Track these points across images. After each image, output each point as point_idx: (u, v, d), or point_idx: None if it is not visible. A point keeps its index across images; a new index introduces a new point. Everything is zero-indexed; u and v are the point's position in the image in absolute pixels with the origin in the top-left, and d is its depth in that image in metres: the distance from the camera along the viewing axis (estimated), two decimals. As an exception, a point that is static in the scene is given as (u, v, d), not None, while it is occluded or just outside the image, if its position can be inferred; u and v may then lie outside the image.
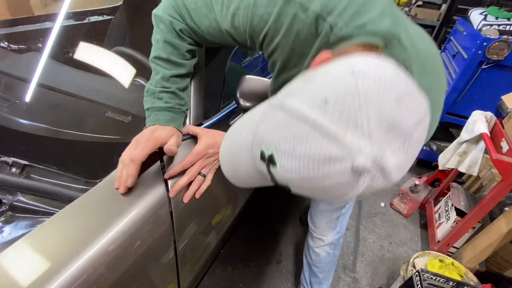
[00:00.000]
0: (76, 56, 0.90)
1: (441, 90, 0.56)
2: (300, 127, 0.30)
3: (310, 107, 0.30)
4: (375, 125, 0.28)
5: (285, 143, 0.31)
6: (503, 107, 1.76)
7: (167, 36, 0.61)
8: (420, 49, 0.51)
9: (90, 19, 1.42)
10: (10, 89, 0.83)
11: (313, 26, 0.48)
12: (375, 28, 0.44)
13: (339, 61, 0.34)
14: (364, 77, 0.29)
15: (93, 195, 0.53)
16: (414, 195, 1.96)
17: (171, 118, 0.63)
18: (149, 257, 0.56)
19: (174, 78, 0.63)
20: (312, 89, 0.31)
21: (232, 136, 0.43)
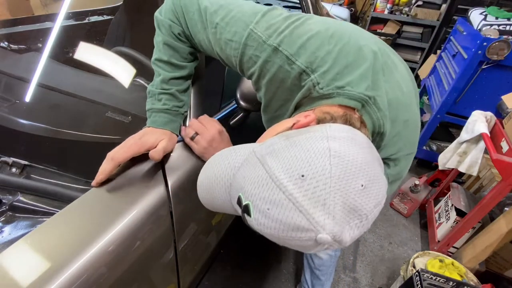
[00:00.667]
0: (76, 56, 0.90)
1: (412, 137, 0.60)
2: (277, 194, 0.34)
3: (288, 178, 0.34)
4: (340, 208, 0.33)
5: (261, 202, 0.35)
6: (503, 107, 1.76)
7: (167, 38, 0.62)
8: (395, 105, 0.54)
9: (90, 19, 1.42)
10: (10, 89, 0.83)
11: (298, 79, 0.51)
12: (353, 91, 0.48)
13: (319, 132, 0.39)
14: (339, 162, 0.34)
15: (93, 195, 0.53)
16: (414, 195, 1.96)
17: (168, 120, 0.64)
18: (149, 257, 0.56)
19: (173, 80, 0.64)
20: (293, 159, 0.36)
21: (212, 168, 0.45)
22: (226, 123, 0.80)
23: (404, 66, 0.65)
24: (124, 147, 0.57)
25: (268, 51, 0.51)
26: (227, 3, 0.56)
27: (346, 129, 0.41)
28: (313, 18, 0.54)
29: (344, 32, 0.52)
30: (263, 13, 0.53)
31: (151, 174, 0.60)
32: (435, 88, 2.38)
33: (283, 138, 0.40)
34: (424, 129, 2.24)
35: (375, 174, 0.36)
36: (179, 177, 0.63)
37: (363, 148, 0.38)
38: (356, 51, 0.50)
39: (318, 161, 0.34)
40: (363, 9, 4.22)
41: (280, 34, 0.51)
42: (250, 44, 0.52)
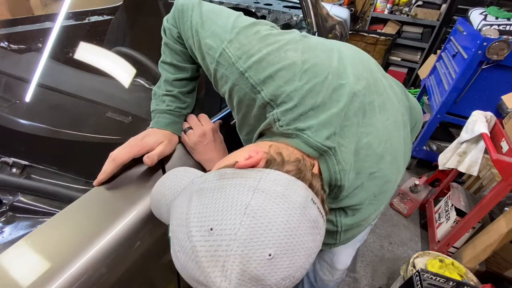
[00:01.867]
0: (76, 56, 0.90)
1: (378, 191, 0.55)
2: (185, 241, 0.33)
3: (198, 228, 0.33)
4: (237, 275, 0.31)
5: (176, 241, 0.35)
6: (503, 107, 1.76)
7: (168, 41, 0.64)
8: (364, 155, 0.51)
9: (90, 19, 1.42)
10: (10, 89, 0.83)
11: (263, 109, 0.49)
12: (311, 138, 0.45)
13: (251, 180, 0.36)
14: (250, 223, 0.32)
15: (93, 195, 0.53)
16: (414, 195, 1.96)
17: (171, 121, 0.64)
18: (149, 257, 0.56)
19: (176, 82, 0.65)
20: (210, 207, 0.34)
21: (162, 185, 0.45)
22: (226, 123, 0.80)
23: (393, 91, 0.63)
24: (126, 148, 0.57)
25: (236, 75, 0.49)
26: (215, 14, 0.55)
27: (283, 182, 0.36)
28: (295, 43, 0.50)
29: (326, 67, 0.48)
30: (238, 30, 0.50)
31: (151, 174, 0.60)
32: (435, 88, 2.38)
33: (217, 176, 0.38)
34: (424, 129, 2.24)
35: (293, 243, 0.32)
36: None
37: (293, 209, 0.34)
38: (329, 92, 0.46)
39: (230, 218, 0.32)
40: (363, 9, 4.21)
41: (249, 58, 0.48)
42: (222, 62, 0.51)
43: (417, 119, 0.82)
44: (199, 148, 0.66)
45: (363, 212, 0.56)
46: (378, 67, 0.64)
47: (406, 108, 0.71)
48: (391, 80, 0.71)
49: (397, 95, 0.66)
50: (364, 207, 0.55)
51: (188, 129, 0.67)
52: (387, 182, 0.56)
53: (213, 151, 0.67)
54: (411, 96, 0.80)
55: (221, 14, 0.55)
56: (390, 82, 0.67)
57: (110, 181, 0.56)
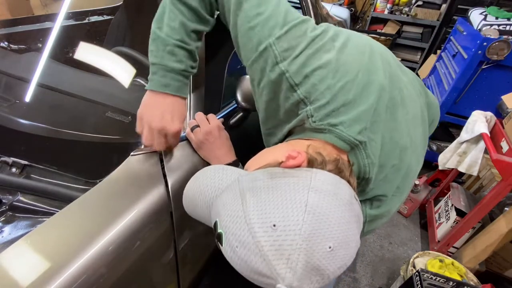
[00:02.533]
0: (76, 56, 0.90)
1: (400, 183, 0.58)
2: (247, 236, 0.35)
3: (260, 224, 0.35)
4: (302, 266, 0.33)
5: (232, 237, 0.36)
6: (503, 107, 1.76)
7: None
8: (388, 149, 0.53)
9: (90, 19, 1.42)
10: (10, 89, 0.83)
11: (296, 106, 0.50)
12: (344, 133, 0.46)
13: (302, 179, 0.38)
14: (312, 219, 0.34)
15: (93, 195, 0.53)
16: (414, 195, 1.96)
17: (182, 84, 0.59)
18: (149, 257, 0.56)
19: (194, 34, 0.57)
20: (269, 205, 0.36)
21: (199, 182, 0.47)
22: (226, 123, 0.80)
23: (413, 87, 0.64)
24: (174, 119, 0.58)
25: (277, 73, 0.49)
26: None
27: (331, 181, 0.39)
28: (332, 42, 0.51)
29: (357, 64, 0.50)
30: (288, 28, 0.50)
31: (151, 174, 0.60)
32: (435, 88, 2.38)
33: (267, 176, 0.40)
34: (424, 129, 2.23)
35: (347, 236, 0.36)
36: (179, 177, 0.63)
37: (343, 206, 0.37)
38: (359, 89, 0.48)
39: (292, 214, 0.34)
40: (363, 9, 4.21)
41: (293, 60, 0.48)
42: (264, 56, 0.50)
43: (435, 116, 0.82)
44: (205, 146, 0.66)
45: (387, 204, 0.58)
46: (397, 63, 0.65)
47: (425, 104, 0.72)
48: (411, 75, 0.71)
49: (416, 91, 0.66)
50: (389, 198, 0.58)
51: (195, 127, 0.67)
52: (408, 174, 0.58)
53: (219, 149, 0.67)
54: (430, 93, 0.81)
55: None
56: (410, 77, 0.68)
57: (109, 181, 0.56)
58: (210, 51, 0.75)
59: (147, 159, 0.61)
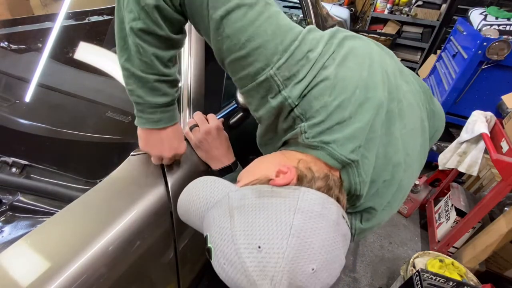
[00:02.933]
0: (76, 56, 0.90)
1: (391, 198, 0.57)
2: (233, 255, 0.36)
3: (246, 245, 0.36)
4: (285, 287, 0.34)
5: (220, 254, 0.37)
6: (503, 107, 1.76)
7: (161, 3, 0.45)
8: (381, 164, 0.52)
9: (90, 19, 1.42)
10: (10, 89, 0.83)
11: (293, 122, 0.50)
12: (336, 151, 0.46)
13: (289, 200, 0.39)
14: (296, 243, 0.35)
15: (93, 195, 0.53)
16: (414, 195, 1.96)
17: (172, 113, 0.56)
18: (149, 257, 0.56)
19: (170, 62, 0.52)
20: (255, 226, 0.37)
21: (191, 193, 0.47)
22: (226, 123, 0.80)
23: (413, 96, 0.62)
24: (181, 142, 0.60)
25: (279, 101, 0.47)
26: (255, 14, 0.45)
27: (319, 201, 0.40)
28: (333, 56, 0.48)
29: (356, 79, 0.48)
30: (289, 55, 0.46)
31: (151, 174, 0.60)
32: (435, 88, 2.38)
33: (256, 194, 0.40)
34: (424, 129, 2.23)
35: (331, 257, 0.37)
36: (179, 177, 0.63)
37: (329, 227, 0.38)
38: (356, 106, 0.47)
39: (277, 237, 0.35)
40: (363, 9, 4.21)
41: (295, 85, 0.46)
42: (265, 86, 0.47)
43: (438, 127, 0.80)
44: (203, 145, 0.66)
45: (377, 217, 0.58)
46: (400, 70, 0.63)
47: (429, 112, 0.71)
48: (416, 82, 0.69)
49: (417, 99, 0.64)
50: (379, 213, 0.57)
51: (194, 126, 0.67)
52: (400, 190, 0.57)
53: (217, 149, 0.67)
54: (436, 102, 0.78)
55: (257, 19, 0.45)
56: (413, 85, 0.65)
57: (110, 181, 0.56)
58: (210, 51, 0.75)
59: (147, 159, 0.61)
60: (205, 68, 0.76)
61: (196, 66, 0.73)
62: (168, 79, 0.52)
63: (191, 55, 0.74)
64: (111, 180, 0.56)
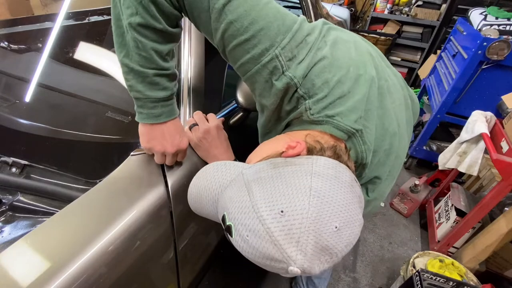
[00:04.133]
0: (76, 56, 0.90)
1: (392, 167, 0.61)
2: (256, 224, 0.36)
3: (269, 212, 0.36)
4: (312, 247, 0.35)
5: (242, 227, 0.38)
6: (503, 107, 1.76)
7: None
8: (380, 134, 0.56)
9: (90, 19, 1.42)
10: (10, 89, 0.83)
11: (296, 102, 0.52)
12: (341, 122, 0.49)
13: (305, 166, 0.41)
14: (317, 202, 0.36)
15: (93, 195, 0.53)
16: (414, 195, 1.96)
17: (173, 107, 0.57)
18: (149, 257, 0.56)
19: (169, 56, 0.53)
20: (275, 193, 0.38)
21: (202, 179, 0.48)
22: (226, 123, 0.80)
23: (396, 78, 0.68)
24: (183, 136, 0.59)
25: (285, 82, 0.49)
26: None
27: (332, 165, 0.42)
28: (325, 38, 0.53)
29: (347, 59, 0.52)
30: (291, 36, 0.48)
31: (151, 174, 0.60)
32: (435, 88, 2.38)
33: (270, 166, 0.42)
34: (424, 129, 2.24)
35: (351, 216, 0.38)
36: (179, 177, 0.63)
37: (345, 187, 0.40)
38: (352, 82, 0.51)
39: (298, 199, 0.36)
40: (363, 9, 4.21)
41: (298, 66, 0.49)
42: (269, 67, 0.48)
43: (414, 111, 0.85)
44: (203, 144, 0.66)
45: (381, 187, 0.62)
46: (381, 55, 0.68)
47: (408, 95, 0.75)
48: (393, 69, 0.74)
49: (399, 81, 0.70)
50: (383, 181, 0.61)
51: (193, 125, 0.67)
52: (397, 157, 0.62)
53: (217, 148, 0.67)
54: (410, 89, 0.83)
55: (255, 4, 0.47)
56: (393, 70, 0.71)
57: (109, 180, 0.55)
58: (210, 51, 0.75)
59: (147, 159, 0.61)
60: (205, 68, 0.76)
61: (196, 66, 0.73)
62: (167, 73, 0.53)
63: (191, 55, 0.74)
64: (111, 180, 0.56)
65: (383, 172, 0.60)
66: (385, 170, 0.60)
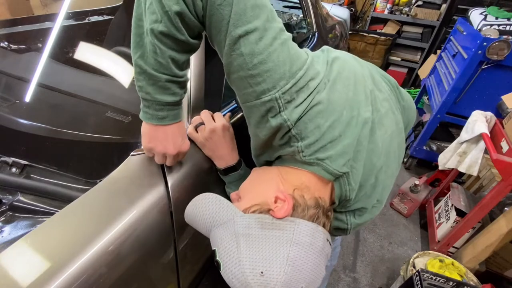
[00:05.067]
0: (76, 56, 0.90)
1: (379, 197, 0.65)
2: (240, 275, 0.45)
3: (251, 270, 0.45)
4: None
5: (228, 270, 0.47)
6: (503, 107, 1.76)
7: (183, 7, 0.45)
8: (368, 170, 0.60)
9: (90, 19, 1.42)
10: (10, 89, 0.83)
11: (288, 141, 0.54)
12: (330, 166, 0.53)
13: (287, 233, 0.47)
14: (291, 270, 0.45)
15: (93, 195, 0.53)
16: (414, 195, 1.96)
17: (178, 111, 0.57)
18: (149, 257, 0.56)
19: (185, 64, 0.53)
20: (259, 255, 0.46)
21: (198, 209, 0.54)
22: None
23: (391, 109, 0.68)
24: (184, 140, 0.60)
25: (279, 122, 0.51)
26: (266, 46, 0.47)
27: (309, 232, 0.48)
28: (326, 79, 0.54)
29: (343, 101, 0.54)
30: (295, 82, 0.49)
31: (151, 174, 0.60)
32: (435, 88, 2.38)
33: (258, 225, 0.48)
34: (424, 129, 2.24)
35: (316, 276, 0.47)
36: (179, 177, 0.63)
37: (317, 254, 0.47)
38: (344, 126, 0.53)
39: (276, 266, 0.44)
40: (363, 9, 4.21)
41: (294, 109, 0.50)
42: (267, 106, 0.50)
43: (410, 118, 0.86)
44: (209, 144, 0.67)
45: (369, 213, 0.66)
46: (376, 79, 0.69)
47: (400, 111, 0.76)
48: (387, 86, 0.74)
49: (391, 105, 0.70)
50: (369, 210, 0.65)
51: (199, 125, 0.67)
52: (384, 188, 0.65)
53: (223, 148, 0.68)
54: (405, 94, 0.82)
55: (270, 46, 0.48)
56: (385, 94, 0.69)
57: (109, 180, 0.55)
58: (210, 51, 0.75)
59: (147, 159, 0.61)
60: (205, 68, 0.76)
61: (196, 66, 0.73)
62: (180, 80, 0.53)
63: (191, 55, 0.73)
64: (111, 180, 0.55)
65: (370, 203, 0.64)
66: (372, 201, 0.64)
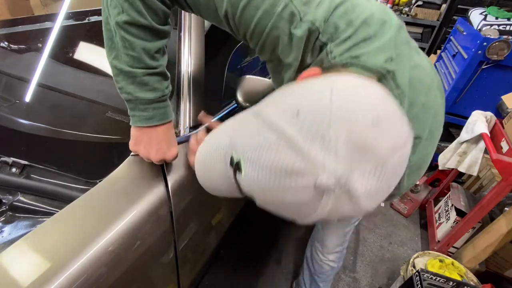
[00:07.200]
0: (76, 56, 0.90)
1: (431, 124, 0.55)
2: (267, 136, 0.29)
3: (281, 117, 0.29)
4: (343, 144, 0.26)
5: (252, 151, 0.30)
6: (503, 107, 1.76)
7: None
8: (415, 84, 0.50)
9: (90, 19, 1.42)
10: (10, 89, 0.83)
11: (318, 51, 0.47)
12: (368, 62, 0.43)
13: (323, 77, 0.34)
14: (340, 95, 0.29)
15: (93, 195, 0.53)
16: (414, 195, 1.96)
17: (165, 110, 0.55)
18: (149, 257, 0.56)
19: (159, 54, 0.51)
20: (289, 100, 0.31)
21: (210, 141, 0.41)
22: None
23: None
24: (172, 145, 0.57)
25: (304, 28, 0.44)
26: None
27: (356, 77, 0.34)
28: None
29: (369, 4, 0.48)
30: None
31: (151, 174, 0.60)
32: (435, 88, 2.37)
33: (282, 89, 0.35)
34: (424, 129, 2.23)
35: (392, 113, 0.29)
36: (179, 177, 0.63)
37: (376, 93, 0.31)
38: (378, 24, 0.45)
39: (316, 96, 0.29)
40: (363, 9, 4.22)
41: (316, 8, 0.44)
42: (284, 16, 0.44)
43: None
44: None
45: (421, 148, 0.55)
46: None
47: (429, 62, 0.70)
48: None
49: None
50: (422, 141, 0.55)
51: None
52: (437, 116, 0.56)
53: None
54: None
55: None
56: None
57: (109, 180, 0.56)
58: (210, 51, 0.75)
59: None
60: (205, 68, 0.76)
61: (196, 66, 0.73)
62: (156, 72, 0.51)
63: (191, 55, 0.74)
64: (111, 180, 0.56)
65: (422, 130, 0.53)
66: (424, 128, 0.53)
